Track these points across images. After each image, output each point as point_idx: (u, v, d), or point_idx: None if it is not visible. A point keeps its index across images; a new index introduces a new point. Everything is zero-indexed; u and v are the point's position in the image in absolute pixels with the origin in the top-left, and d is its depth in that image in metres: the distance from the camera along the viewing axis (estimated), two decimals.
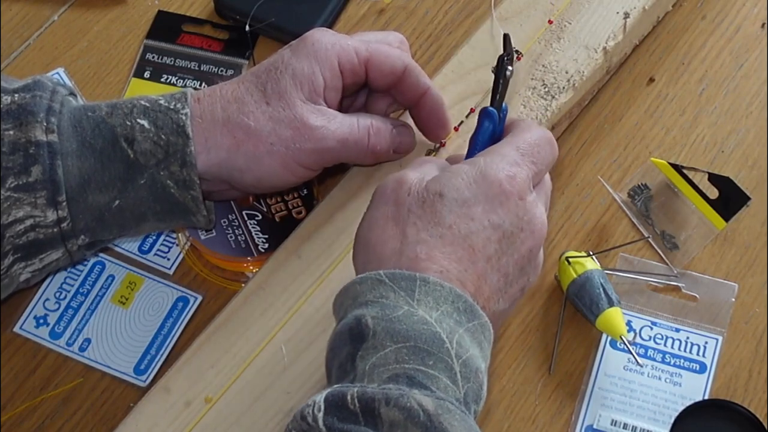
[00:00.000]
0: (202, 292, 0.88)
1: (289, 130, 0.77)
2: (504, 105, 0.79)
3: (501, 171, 0.71)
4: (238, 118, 0.77)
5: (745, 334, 0.85)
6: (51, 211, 0.75)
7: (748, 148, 0.93)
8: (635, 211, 0.90)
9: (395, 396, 0.61)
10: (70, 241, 0.77)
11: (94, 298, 0.88)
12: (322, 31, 0.81)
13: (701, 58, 0.97)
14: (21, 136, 0.75)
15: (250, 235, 0.88)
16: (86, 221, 0.77)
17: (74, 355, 0.85)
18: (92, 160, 0.76)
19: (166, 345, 0.85)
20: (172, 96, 0.78)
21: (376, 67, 0.81)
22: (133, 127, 0.76)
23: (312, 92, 0.78)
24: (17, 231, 0.75)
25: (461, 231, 0.69)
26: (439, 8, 1.01)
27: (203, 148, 0.77)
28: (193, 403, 0.76)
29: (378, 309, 0.66)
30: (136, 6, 1.02)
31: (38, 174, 0.74)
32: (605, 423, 0.82)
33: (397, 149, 0.83)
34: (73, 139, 0.76)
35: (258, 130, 0.77)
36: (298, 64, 0.79)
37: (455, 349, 0.65)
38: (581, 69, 0.90)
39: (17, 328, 0.86)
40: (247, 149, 0.77)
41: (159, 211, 0.78)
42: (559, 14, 0.92)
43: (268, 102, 0.78)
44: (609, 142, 0.94)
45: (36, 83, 0.77)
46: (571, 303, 0.85)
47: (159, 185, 0.77)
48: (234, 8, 0.99)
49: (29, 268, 0.78)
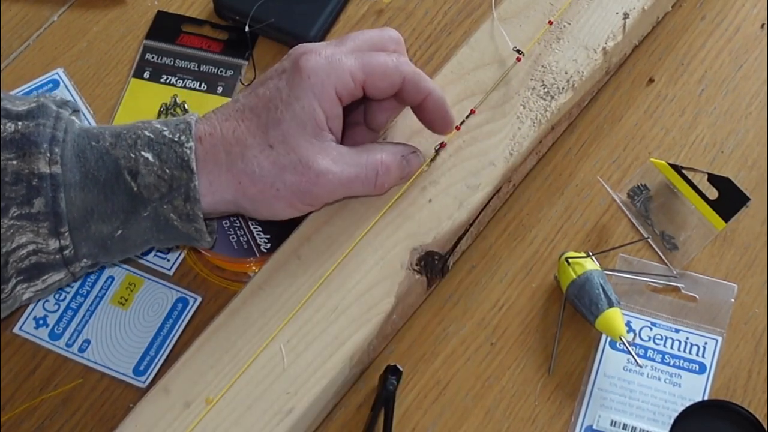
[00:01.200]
0: (202, 293, 0.88)
1: (295, 175, 0.77)
2: None
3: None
4: (242, 165, 0.77)
5: (745, 335, 0.85)
6: (53, 240, 0.75)
7: (748, 148, 0.93)
8: (635, 212, 0.90)
9: None
10: (72, 265, 0.78)
11: (94, 299, 0.87)
12: (314, 56, 0.78)
13: (701, 58, 0.97)
14: (24, 167, 0.74)
15: (252, 236, 0.87)
16: (89, 248, 0.77)
17: (74, 356, 0.85)
18: (95, 192, 0.76)
19: (166, 346, 0.85)
20: (176, 127, 0.78)
21: (375, 84, 0.79)
22: (137, 159, 0.76)
23: (315, 128, 0.77)
24: (20, 255, 0.75)
25: None
26: (439, 8, 1.01)
27: (208, 191, 0.77)
28: (193, 403, 0.76)
29: None
30: (135, 6, 1.02)
31: (41, 206, 0.74)
32: (605, 423, 0.82)
33: (405, 177, 0.83)
34: (76, 170, 0.75)
35: (263, 177, 0.77)
36: (297, 103, 0.77)
37: None
38: (580, 69, 0.90)
39: (17, 329, 0.86)
40: (252, 194, 0.77)
41: (162, 239, 0.79)
42: (558, 15, 0.92)
43: (272, 146, 0.77)
44: (608, 142, 0.94)
45: (40, 108, 0.77)
46: (571, 303, 0.85)
47: (162, 218, 0.77)
48: (233, 9, 0.99)
49: (32, 288, 0.78)
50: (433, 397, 0.83)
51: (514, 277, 0.88)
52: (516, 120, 0.87)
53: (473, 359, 0.85)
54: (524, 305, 0.87)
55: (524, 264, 0.88)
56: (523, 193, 0.91)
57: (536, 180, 0.92)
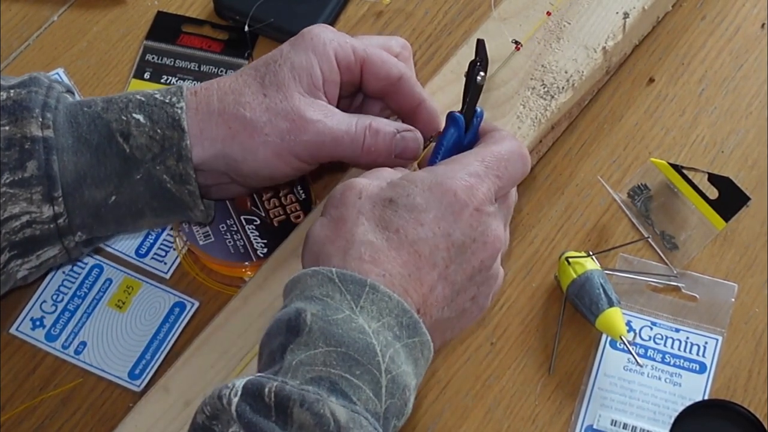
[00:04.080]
0: (199, 298, 0.87)
1: (286, 121, 0.77)
2: (479, 110, 0.77)
3: (459, 180, 0.70)
4: (234, 109, 0.77)
5: (745, 335, 0.85)
6: (47, 207, 0.75)
7: (748, 148, 0.93)
8: (635, 212, 0.90)
9: (311, 399, 0.61)
10: (66, 238, 0.77)
11: (91, 302, 0.87)
12: (322, 27, 0.81)
13: (701, 58, 0.97)
14: (16, 131, 0.75)
15: (248, 240, 0.87)
16: (83, 217, 0.77)
17: (69, 358, 0.85)
18: (88, 156, 0.76)
19: (162, 350, 0.85)
20: (167, 90, 0.78)
21: (372, 69, 0.80)
22: (128, 121, 0.76)
23: (311, 85, 0.78)
24: (13, 227, 0.75)
25: (408, 236, 0.69)
26: (439, 9, 1.01)
27: (198, 140, 0.77)
28: (193, 403, 0.76)
29: (320, 307, 0.66)
30: (135, 6, 1.02)
31: (33, 169, 0.74)
32: (605, 423, 0.82)
33: (399, 155, 0.81)
34: (68, 135, 0.76)
35: (254, 121, 0.77)
36: (296, 57, 0.78)
37: (386, 363, 0.65)
38: (580, 69, 0.90)
39: (13, 329, 0.86)
40: (242, 140, 0.77)
41: (156, 207, 0.78)
42: (558, 13, 0.92)
43: (266, 93, 0.78)
44: (609, 142, 0.94)
45: (32, 79, 0.77)
46: (571, 303, 0.85)
47: (155, 180, 0.76)
48: (233, 8, 0.99)
49: (26, 265, 0.78)
50: (433, 397, 0.83)
51: (514, 276, 0.88)
52: (516, 119, 0.87)
53: (473, 359, 0.85)
54: (524, 305, 0.87)
55: (524, 264, 0.88)
56: (523, 193, 0.91)
57: (536, 180, 0.92)
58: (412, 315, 0.67)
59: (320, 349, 0.64)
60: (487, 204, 0.71)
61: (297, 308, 0.66)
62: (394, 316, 0.66)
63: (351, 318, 0.65)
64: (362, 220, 0.70)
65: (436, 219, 0.69)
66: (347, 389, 0.63)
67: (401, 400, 0.65)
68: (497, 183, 0.72)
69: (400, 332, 0.66)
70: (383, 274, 0.67)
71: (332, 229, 0.70)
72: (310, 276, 0.67)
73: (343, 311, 0.65)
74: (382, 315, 0.66)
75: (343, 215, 0.70)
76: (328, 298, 0.66)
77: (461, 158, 0.73)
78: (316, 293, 0.66)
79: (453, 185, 0.70)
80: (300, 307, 0.66)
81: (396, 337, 0.66)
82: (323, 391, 0.62)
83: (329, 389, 0.62)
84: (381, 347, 0.65)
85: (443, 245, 0.69)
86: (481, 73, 0.77)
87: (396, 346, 0.65)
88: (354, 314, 0.65)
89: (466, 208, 0.70)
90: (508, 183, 0.73)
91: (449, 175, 0.71)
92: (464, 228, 0.70)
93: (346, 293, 0.66)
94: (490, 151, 0.73)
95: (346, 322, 0.65)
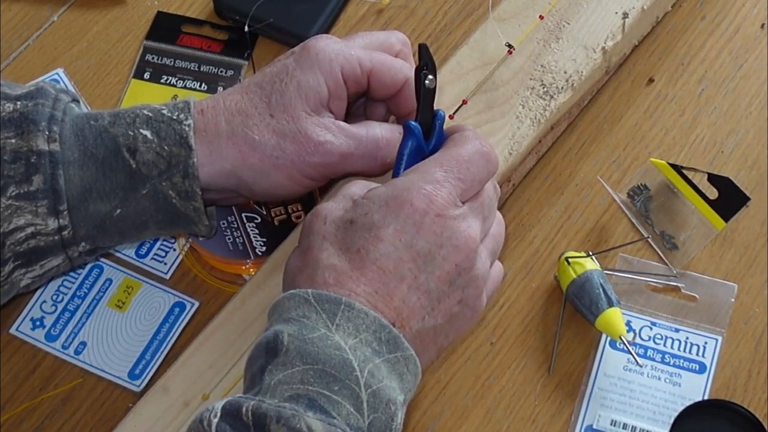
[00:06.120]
0: (199, 298, 0.87)
1: (294, 144, 0.77)
2: (441, 113, 0.77)
3: (415, 190, 0.70)
4: (243, 132, 0.77)
5: (745, 335, 0.85)
6: (52, 220, 0.75)
7: (748, 148, 0.93)
8: (635, 212, 0.90)
9: (287, 415, 0.61)
10: (70, 248, 0.77)
11: (91, 302, 0.87)
12: (325, 39, 0.80)
13: (701, 58, 0.97)
14: (23, 144, 0.74)
15: (248, 238, 0.87)
16: (87, 229, 0.77)
17: (69, 358, 0.85)
18: (94, 170, 0.76)
19: (161, 350, 0.85)
20: (175, 106, 0.78)
21: (379, 78, 0.80)
22: (135, 137, 0.76)
23: (318, 103, 0.78)
24: (18, 239, 0.75)
25: (370, 254, 0.69)
26: (439, 9, 1.01)
27: (207, 161, 0.77)
28: (192, 402, 0.76)
29: (297, 327, 0.66)
30: (135, 7, 1.02)
31: (39, 183, 0.74)
32: (605, 423, 0.82)
33: None
34: (75, 148, 0.75)
35: (263, 144, 0.77)
36: (302, 75, 0.78)
37: (365, 378, 0.65)
38: (580, 69, 0.90)
39: (13, 330, 0.86)
40: (252, 163, 0.77)
41: (160, 221, 0.78)
42: (557, 14, 0.92)
43: (273, 114, 0.77)
44: (608, 142, 0.94)
45: (38, 90, 0.77)
46: (571, 303, 0.85)
47: (161, 196, 0.77)
48: (233, 9, 0.99)
49: (30, 274, 0.78)
50: (433, 397, 0.83)
51: (514, 276, 0.88)
52: (515, 119, 0.87)
53: (473, 359, 0.85)
54: (524, 305, 0.87)
55: (524, 264, 0.88)
56: (523, 193, 0.91)
57: (536, 180, 0.92)
58: (391, 330, 0.67)
59: (297, 367, 0.64)
60: (449, 208, 0.70)
61: (275, 330, 0.67)
62: (371, 332, 0.66)
63: (327, 336, 0.66)
64: (326, 246, 0.70)
65: (395, 232, 0.69)
66: (326, 405, 0.63)
67: (386, 414, 0.65)
68: (460, 186, 0.72)
69: (380, 347, 0.66)
70: (348, 294, 0.68)
71: (301, 258, 0.71)
72: (287, 299, 0.68)
73: (319, 330, 0.66)
74: (359, 331, 0.66)
75: (310, 243, 0.71)
76: (304, 318, 0.67)
77: (421, 166, 0.73)
78: (293, 315, 0.67)
79: (409, 196, 0.70)
80: (278, 330, 0.66)
81: (375, 352, 0.66)
82: (301, 407, 0.63)
83: (307, 405, 0.63)
84: (359, 362, 0.65)
85: (407, 257, 0.69)
86: (429, 77, 0.76)
87: (376, 361, 0.66)
88: (330, 332, 0.66)
89: (426, 216, 0.70)
90: (473, 184, 0.73)
91: (406, 187, 0.71)
92: (428, 236, 0.70)
93: (322, 312, 0.66)
94: (450, 154, 0.73)
95: (321, 339, 0.65)
